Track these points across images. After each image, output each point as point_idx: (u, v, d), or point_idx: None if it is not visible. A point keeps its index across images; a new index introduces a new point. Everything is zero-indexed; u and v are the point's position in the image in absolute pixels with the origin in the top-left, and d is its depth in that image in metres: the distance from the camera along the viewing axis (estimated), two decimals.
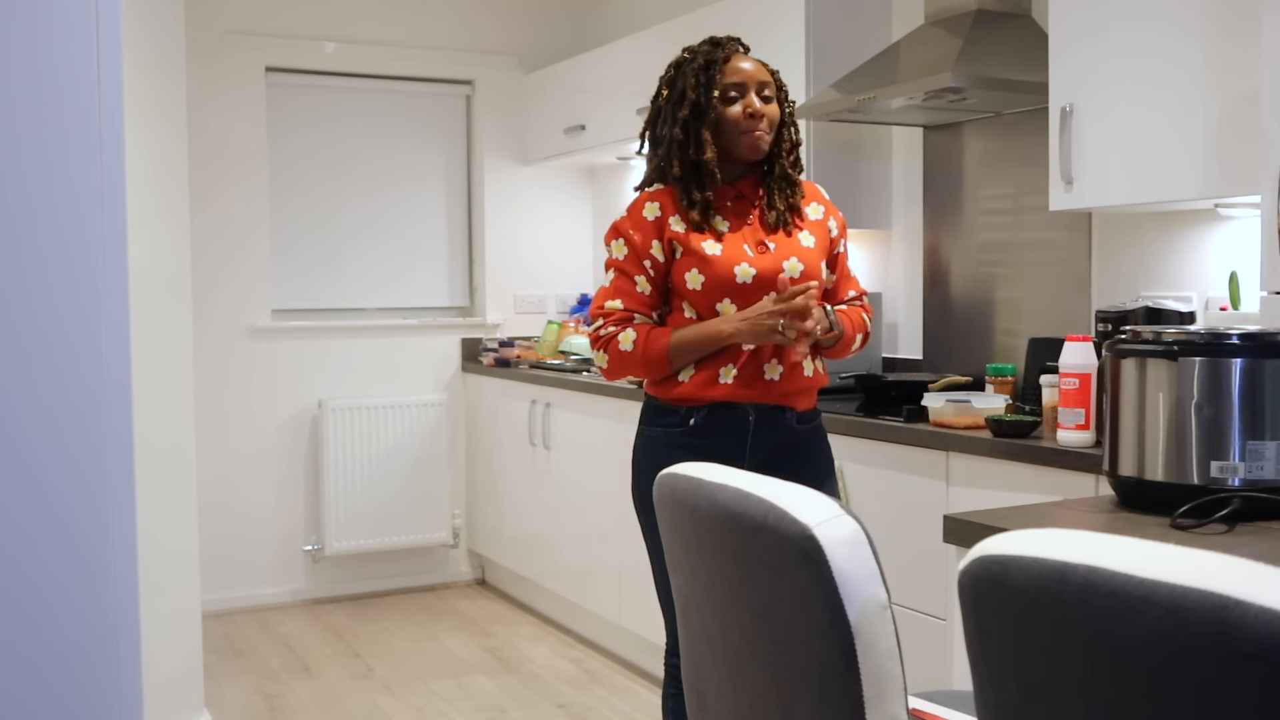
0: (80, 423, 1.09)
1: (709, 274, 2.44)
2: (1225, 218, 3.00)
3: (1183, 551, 0.84)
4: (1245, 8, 2.53)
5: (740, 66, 2.50)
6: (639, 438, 2.57)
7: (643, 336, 2.44)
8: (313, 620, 4.99)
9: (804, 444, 2.54)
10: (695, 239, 2.46)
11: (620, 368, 2.48)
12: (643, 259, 2.48)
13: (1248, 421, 1.76)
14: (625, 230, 2.52)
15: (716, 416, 2.46)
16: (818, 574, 1.15)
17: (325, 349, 5.31)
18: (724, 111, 2.47)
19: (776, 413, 2.49)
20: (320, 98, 5.37)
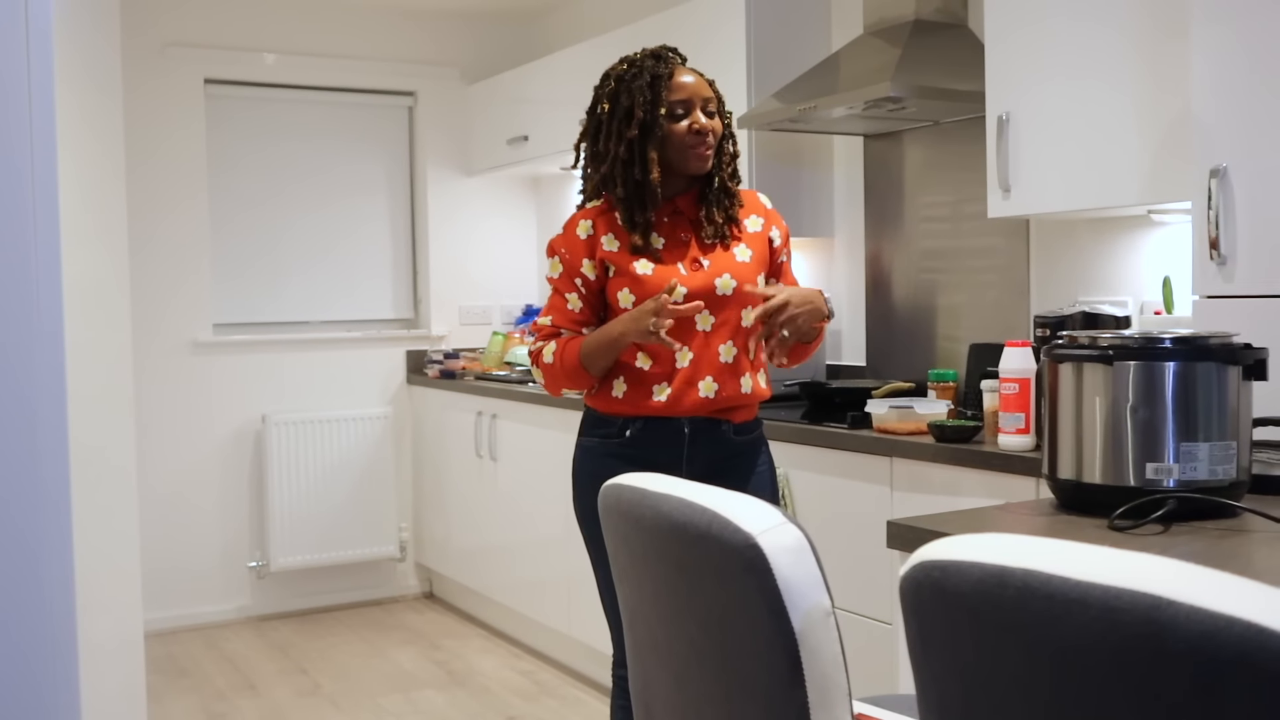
0: (14, 440, 1.08)
1: (640, 294, 2.44)
2: (1158, 223, 3.06)
3: (1117, 554, 0.86)
4: (1176, 18, 2.59)
5: (684, 81, 2.48)
6: (578, 449, 2.58)
7: (560, 348, 2.47)
8: (258, 637, 4.94)
9: (743, 455, 2.54)
10: (627, 259, 2.46)
11: (550, 380, 2.50)
12: (574, 277, 2.50)
13: (1181, 424, 1.79)
14: (559, 248, 2.54)
15: (652, 428, 2.47)
16: (762, 583, 1.16)
17: (268, 363, 5.26)
18: (670, 129, 2.45)
19: (712, 425, 2.49)
20: (261, 110, 5.33)
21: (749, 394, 2.51)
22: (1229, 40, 2.31)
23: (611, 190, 2.48)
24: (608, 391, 2.49)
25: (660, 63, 2.50)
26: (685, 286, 2.43)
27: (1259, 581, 0.79)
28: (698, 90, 2.49)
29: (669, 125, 2.45)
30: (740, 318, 2.50)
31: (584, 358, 2.44)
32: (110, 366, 3.39)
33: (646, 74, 2.47)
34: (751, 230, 2.56)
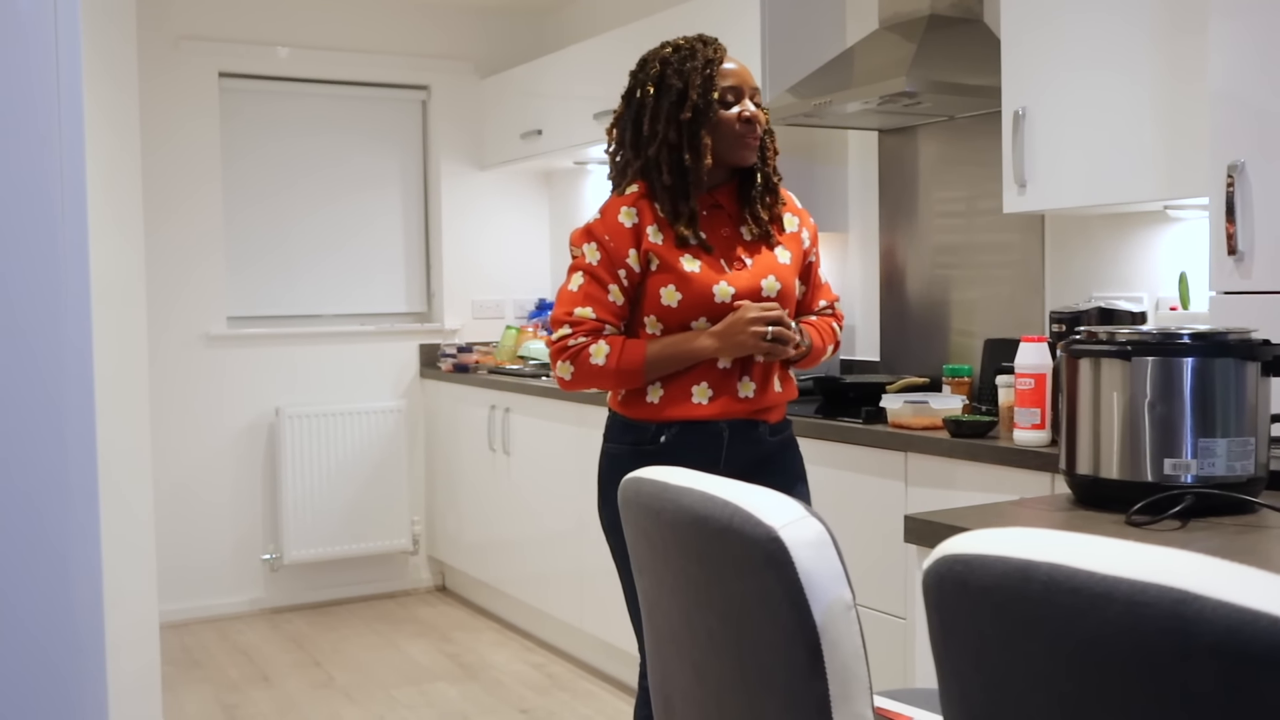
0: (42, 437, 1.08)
1: (687, 292, 2.31)
2: (1174, 219, 3.05)
3: (1142, 548, 0.86)
4: (1193, 12, 2.58)
5: (734, 68, 2.39)
6: (604, 456, 2.44)
7: (616, 350, 2.30)
8: (272, 629, 4.96)
9: (777, 455, 2.46)
10: (674, 254, 2.32)
11: (586, 379, 2.32)
12: (618, 267, 2.33)
13: (1199, 419, 1.79)
14: (599, 234, 2.35)
15: (688, 433, 2.35)
16: (783, 575, 1.16)
17: (282, 356, 5.28)
18: (721, 115, 2.34)
19: (749, 426, 2.40)
20: (275, 103, 5.34)
21: (781, 393, 2.44)
22: (1246, 35, 2.30)
23: (655, 177, 2.34)
24: (640, 396, 2.36)
25: (710, 47, 2.39)
26: (732, 286, 2.33)
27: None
28: (747, 79, 2.40)
29: (720, 112, 2.34)
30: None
31: (650, 366, 2.31)
32: (126, 359, 3.41)
33: (699, 57, 2.36)
34: (789, 230, 2.48)
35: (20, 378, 1.08)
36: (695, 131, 2.32)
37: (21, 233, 1.07)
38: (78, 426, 1.10)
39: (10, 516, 1.08)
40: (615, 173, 2.44)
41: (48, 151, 1.08)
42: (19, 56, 1.06)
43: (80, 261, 1.10)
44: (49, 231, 1.09)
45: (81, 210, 1.11)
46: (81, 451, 1.11)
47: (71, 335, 1.10)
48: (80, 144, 1.10)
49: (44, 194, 1.08)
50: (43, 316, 1.08)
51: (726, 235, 2.39)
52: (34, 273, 1.08)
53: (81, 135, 1.10)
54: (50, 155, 1.08)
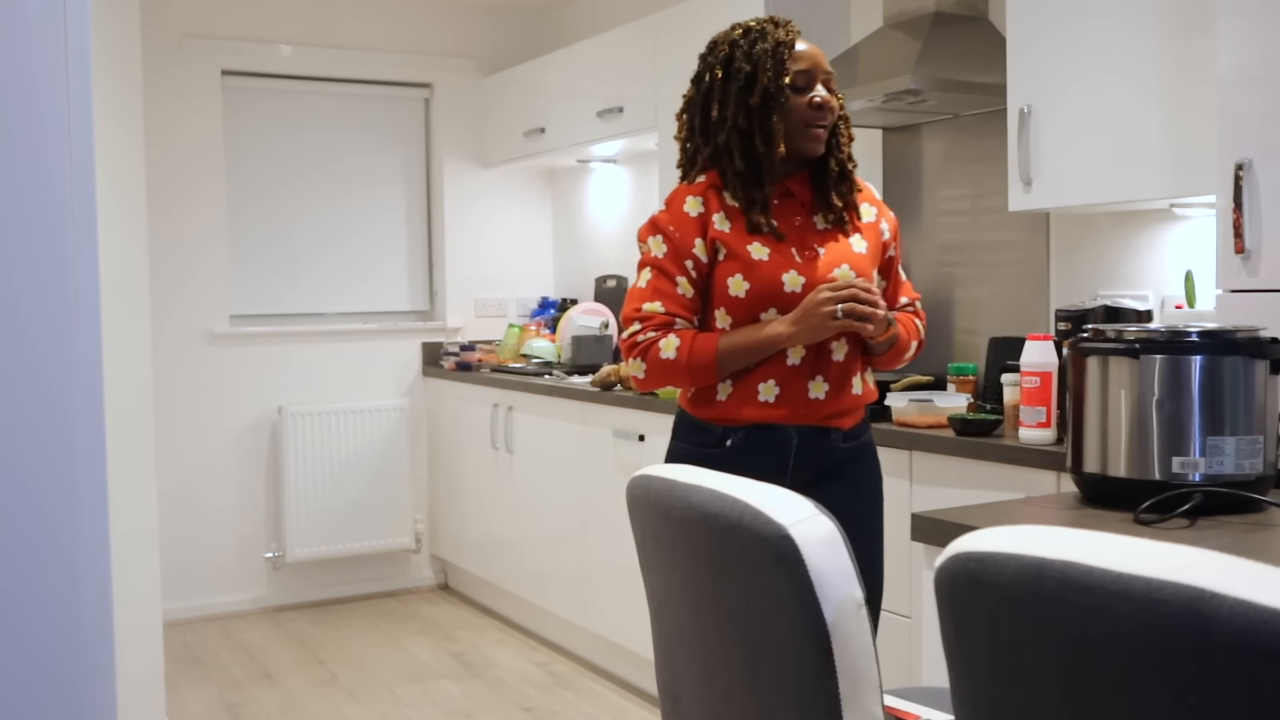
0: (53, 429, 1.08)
1: (755, 281, 2.20)
2: (1180, 217, 3.04)
3: (1158, 545, 0.86)
4: (1201, 10, 2.57)
5: (806, 51, 2.26)
6: (670, 454, 2.33)
7: (687, 343, 2.18)
8: (274, 628, 4.96)
9: (851, 462, 2.31)
10: (741, 241, 2.21)
11: (659, 376, 2.20)
12: (684, 259, 2.22)
13: (1207, 417, 1.78)
14: (665, 226, 2.24)
15: (756, 438, 2.23)
16: (793, 574, 1.16)
17: (285, 354, 5.28)
18: (792, 100, 2.22)
19: (821, 434, 2.26)
20: (277, 102, 5.33)
21: (859, 395, 2.30)
22: (1254, 33, 2.29)
23: (726, 164, 2.23)
24: (710, 394, 2.24)
25: (781, 29, 2.27)
26: (803, 276, 2.21)
27: None
28: (819, 62, 2.27)
29: (791, 97, 2.22)
30: None
31: (722, 358, 2.17)
32: (130, 357, 3.40)
33: (769, 39, 2.24)
34: (866, 220, 2.35)
35: (29, 377, 1.07)
36: (766, 116, 2.21)
37: (31, 230, 1.07)
38: (87, 425, 1.10)
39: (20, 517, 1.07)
40: (685, 160, 2.34)
41: (57, 149, 1.07)
42: (29, 54, 1.06)
43: (90, 259, 1.09)
44: (58, 229, 1.08)
45: (91, 208, 1.10)
46: (90, 451, 1.10)
47: (80, 333, 1.09)
48: (90, 142, 1.10)
49: (53, 192, 1.08)
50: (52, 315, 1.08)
51: (799, 224, 2.27)
52: (43, 271, 1.08)
53: (91, 133, 1.09)
54: (59, 153, 1.08)
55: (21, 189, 1.07)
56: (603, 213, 5.49)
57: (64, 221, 1.09)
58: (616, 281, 5.33)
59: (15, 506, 1.07)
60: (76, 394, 1.10)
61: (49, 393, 1.08)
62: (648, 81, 4.41)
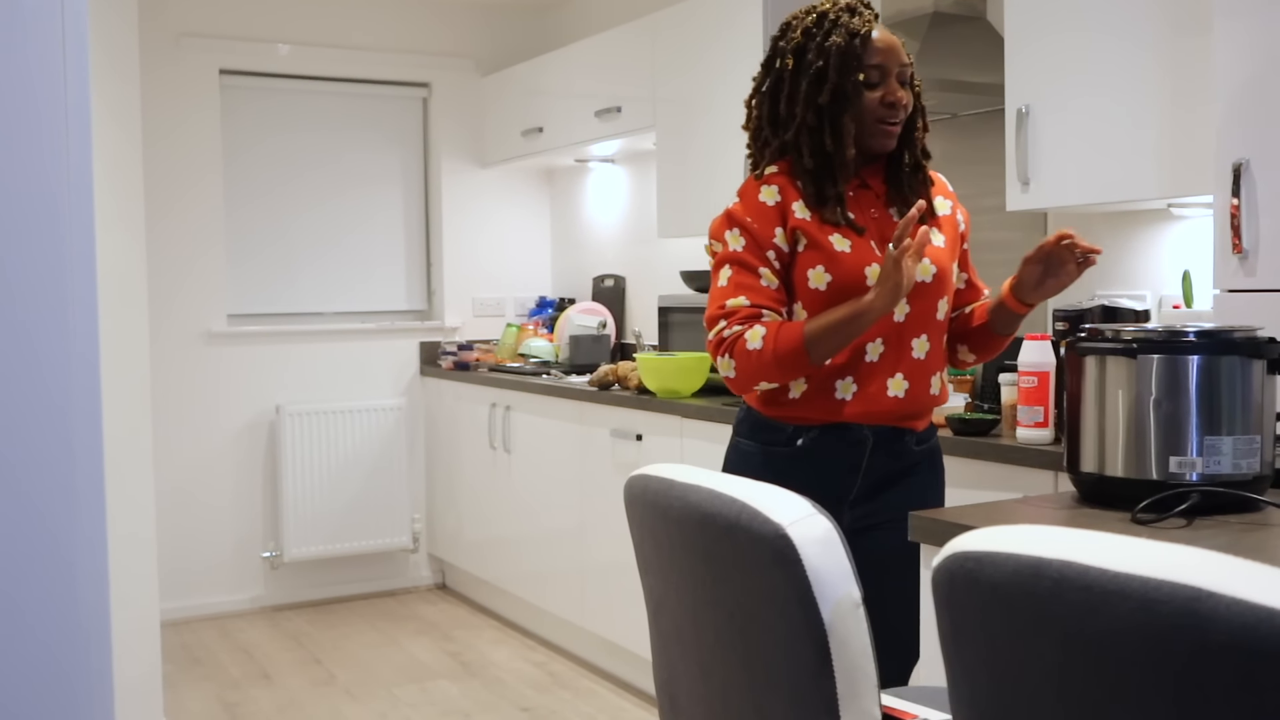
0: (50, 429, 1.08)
1: (836, 273, 2.09)
2: (1177, 217, 3.05)
3: (1154, 545, 0.86)
4: (1197, 9, 2.57)
5: (881, 44, 2.12)
6: (733, 451, 2.24)
7: (772, 331, 2.04)
8: (272, 627, 4.96)
9: (919, 466, 2.23)
10: (823, 231, 2.10)
11: (750, 372, 2.06)
12: (765, 250, 2.11)
13: (1205, 417, 1.78)
14: (741, 218, 2.12)
15: (829, 438, 2.13)
16: (791, 573, 1.16)
17: (282, 354, 5.27)
18: (865, 98, 2.11)
19: (896, 435, 2.17)
20: (275, 101, 5.33)
21: (937, 396, 2.21)
22: (1252, 33, 2.30)
23: (795, 160, 2.13)
24: (782, 391, 2.13)
25: (856, 17, 2.13)
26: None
27: None
28: (895, 54, 2.13)
29: (864, 94, 2.11)
30: (936, 308, 2.18)
31: (809, 341, 2.02)
32: (127, 356, 3.40)
33: (843, 30, 2.11)
34: (941, 213, 2.25)
35: (27, 376, 1.07)
36: (837, 115, 2.10)
37: (28, 229, 1.07)
38: (84, 425, 1.10)
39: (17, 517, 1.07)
40: (755, 149, 2.23)
41: (55, 147, 1.07)
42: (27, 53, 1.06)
43: (87, 258, 1.09)
44: (56, 228, 1.08)
45: (88, 207, 1.10)
46: (88, 451, 1.10)
47: (78, 332, 1.09)
48: (87, 141, 1.09)
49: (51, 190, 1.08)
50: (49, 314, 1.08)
51: (876, 216, 2.17)
52: (40, 270, 1.07)
53: (89, 132, 1.09)
54: (57, 151, 1.07)
55: (19, 187, 1.07)
56: (601, 212, 5.49)
57: (61, 220, 1.09)
58: (614, 281, 5.33)
59: (12, 506, 1.07)
60: (74, 393, 1.10)
61: (46, 392, 1.08)
62: (646, 81, 4.41)
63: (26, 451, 1.07)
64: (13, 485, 1.07)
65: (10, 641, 1.07)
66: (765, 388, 2.11)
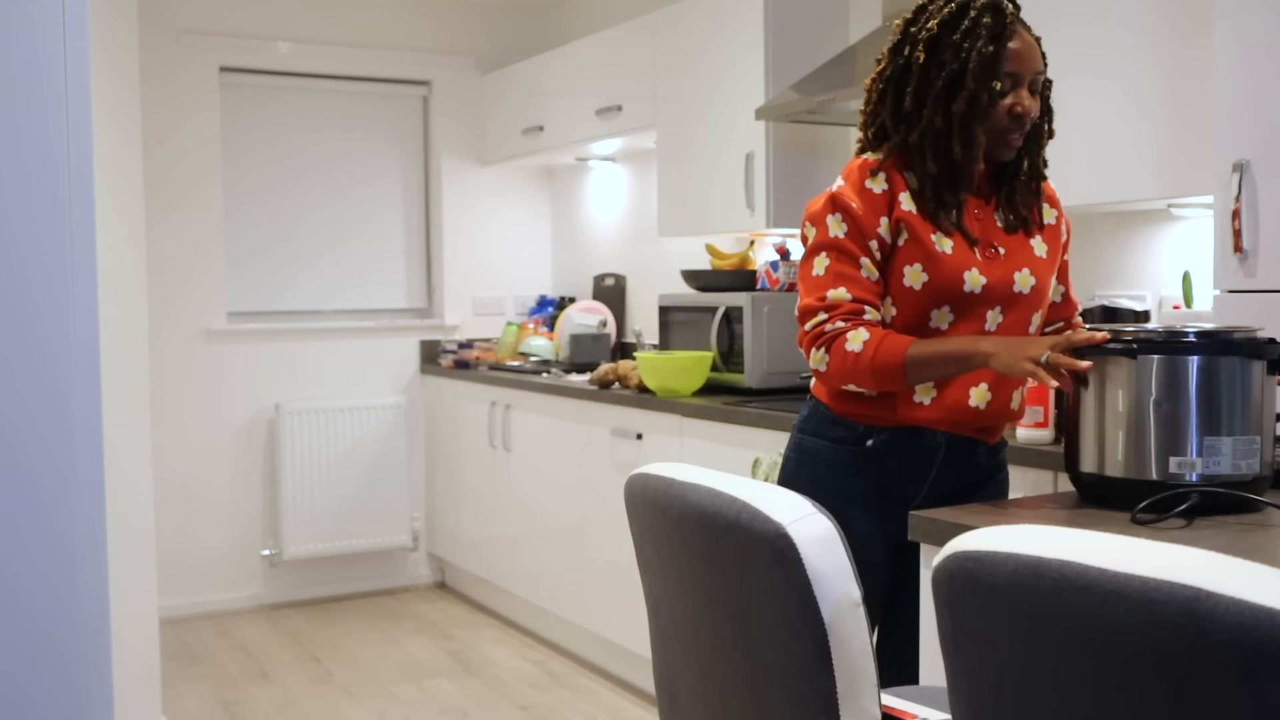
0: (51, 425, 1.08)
1: (935, 274, 2.00)
2: (1177, 218, 3.05)
3: (1154, 545, 0.86)
4: (1199, 10, 2.57)
5: (1018, 48, 2.00)
6: (795, 449, 2.16)
7: (876, 339, 1.96)
8: (271, 625, 4.96)
9: (989, 480, 2.18)
10: (926, 228, 2.01)
11: (843, 373, 1.98)
12: (868, 238, 2.01)
13: (1204, 418, 1.79)
14: (846, 202, 2.01)
15: (901, 441, 2.06)
16: (791, 573, 1.16)
17: (282, 352, 5.27)
18: (997, 108, 2.01)
19: (969, 445, 2.10)
20: (275, 98, 5.33)
21: (1016, 410, 2.14)
22: (1252, 33, 2.30)
23: (917, 162, 2.03)
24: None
25: (999, 16, 2.00)
26: (984, 276, 2.03)
27: None
28: (1031, 61, 2.02)
29: (997, 103, 2.01)
30: (1029, 320, 2.10)
31: (910, 363, 1.94)
32: (127, 354, 3.40)
33: (983, 32, 1.98)
34: (1048, 222, 2.16)
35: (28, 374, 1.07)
36: (968, 124, 2.00)
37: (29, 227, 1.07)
38: (84, 422, 1.10)
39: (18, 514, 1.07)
40: (870, 132, 2.12)
41: (55, 146, 1.07)
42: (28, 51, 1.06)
43: (88, 256, 1.09)
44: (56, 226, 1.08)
45: (89, 205, 1.10)
46: (88, 448, 1.10)
47: (79, 330, 1.09)
48: (88, 139, 1.09)
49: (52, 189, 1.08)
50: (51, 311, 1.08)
51: (979, 217, 2.08)
52: (41, 268, 1.08)
53: (89, 130, 1.09)
54: (58, 150, 1.07)
55: (20, 186, 1.07)
56: (601, 211, 5.49)
57: (62, 218, 1.09)
58: (614, 280, 5.33)
59: (14, 503, 1.07)
60: (74, 391, 1.10)
61: (47, 389, 1.08)
62: (646, 80, 4.41)
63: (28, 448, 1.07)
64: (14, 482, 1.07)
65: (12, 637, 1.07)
66: (853, 390, 2.04)
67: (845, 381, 2.01)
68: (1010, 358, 1.88)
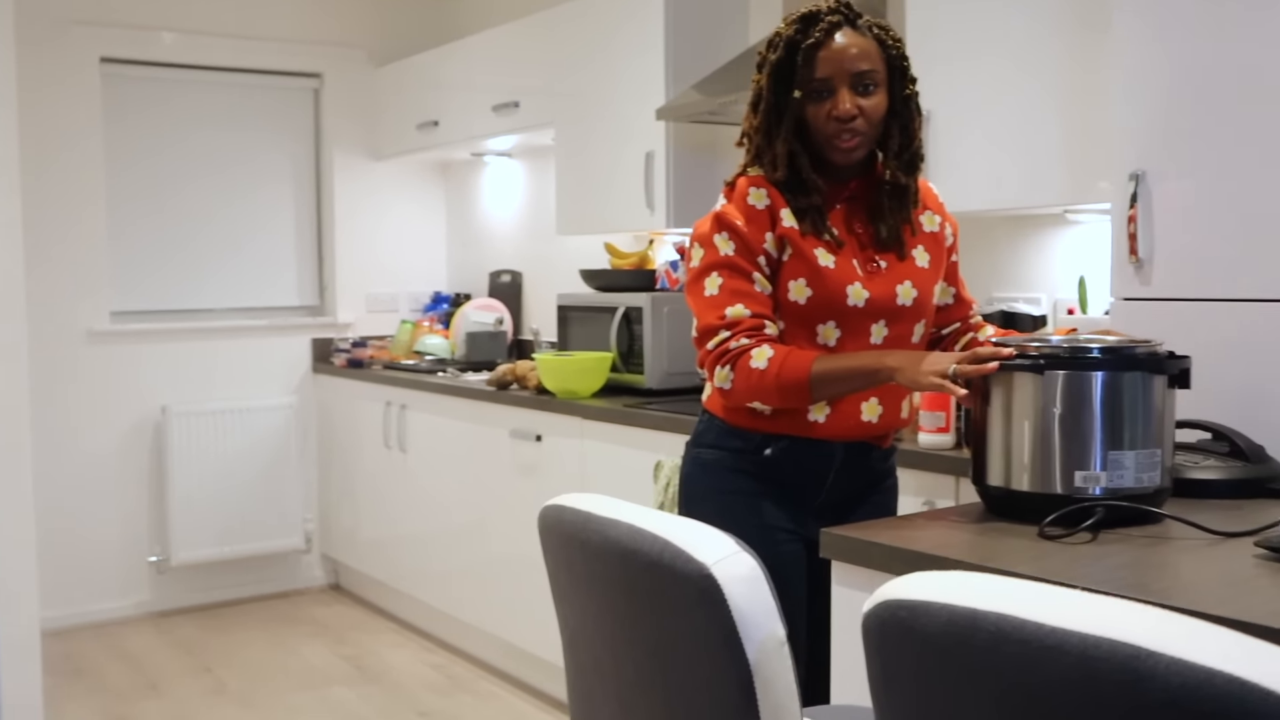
0: None
1: (818, 289, 2.02)
2: (1072, 222, 3.10)
3: (1093, 600, 0.85)
4: (1098, 16, 2.61)
5: (831, 54, 2.00)
6: (691, 461, 2.18)
7: (780, 356, 1.97)
8: (159, 634, 4.81)
9: (881, 482, 2.22)
10: (809, 243, 2.03)
11: (748, 390, 2.00)
12: (756, 254, 2.02)
13: (1109, 432, 1.81)
14: (731, 221, 2.03)
15: (798, 449, 2.08)
16: (716, 613, 1.14)
17: (169, 352, 5.11)
18: (807, 112, 2.02)
19: (864, 450, 2.14)
20: (160, 91, 5.15)
21: (906, 419, 2.18)
22: (1150, 46, 2.33)
23: (769, 172, 2.05)
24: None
25: (807, 27, 2.02)
26: (867, 290, 2.04)
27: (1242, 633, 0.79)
28: (847, 64, 2.00)
29: (807, 108, 2.02)
30: (913, 332, 2.13)
31: (815, 379, 1.95)
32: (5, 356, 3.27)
33: (782, 47, 2.03)
34: (928, 229, 2.16)
35: None
36: (773, 134, 2.05)
37: None
38: None
39: None
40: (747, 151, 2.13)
41: None
42: None
43: None
44: None
45: None
46: None
47: None
48: None
49: None
50: None
51: (860, 232, 2.09)
52: None
53: None
54: None
55: None
56: (497, 207, 5.42)
57: None
58: (511, 277, 5.27)
59: None
60: None
61: None
62: (545, 76, 4.36)
63: None
64: None
65: None
66: (758, 408, 2.05)
67: (751, 399, 2.02)
68: (916, 371, 1.90)
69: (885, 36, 2.06)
